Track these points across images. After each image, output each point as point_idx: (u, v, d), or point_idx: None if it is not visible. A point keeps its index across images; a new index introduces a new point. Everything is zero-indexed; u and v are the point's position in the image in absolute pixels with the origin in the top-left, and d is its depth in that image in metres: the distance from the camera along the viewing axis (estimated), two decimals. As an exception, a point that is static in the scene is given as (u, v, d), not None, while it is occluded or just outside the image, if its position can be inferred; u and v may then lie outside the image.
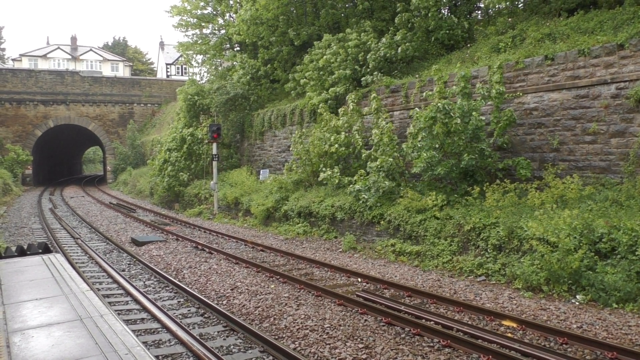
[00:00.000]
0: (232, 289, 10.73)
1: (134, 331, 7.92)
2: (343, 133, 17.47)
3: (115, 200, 33.10)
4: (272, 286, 10.86)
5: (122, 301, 10.10)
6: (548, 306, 8.93)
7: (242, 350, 7.48)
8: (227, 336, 8.06)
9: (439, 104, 13.11)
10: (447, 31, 18.03)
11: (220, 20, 32.49)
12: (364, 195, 15.10)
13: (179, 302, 10.09)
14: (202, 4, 31.68)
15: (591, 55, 11.80)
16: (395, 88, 17.11)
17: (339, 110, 18.23)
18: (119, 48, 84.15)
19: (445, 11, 19.41)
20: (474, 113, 12.88)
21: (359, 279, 11.42)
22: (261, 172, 24.34)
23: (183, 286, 10.81)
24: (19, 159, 40.69)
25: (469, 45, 17.76)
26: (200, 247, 15.73)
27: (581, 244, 9.51)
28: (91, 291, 6.08)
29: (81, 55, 69.94)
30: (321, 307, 9.31)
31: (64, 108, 44.96)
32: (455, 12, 18.89)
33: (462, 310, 8.95)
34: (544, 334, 7.67)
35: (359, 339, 7.64)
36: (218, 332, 8.27)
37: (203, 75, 36.77)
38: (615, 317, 8.22)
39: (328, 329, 8.11)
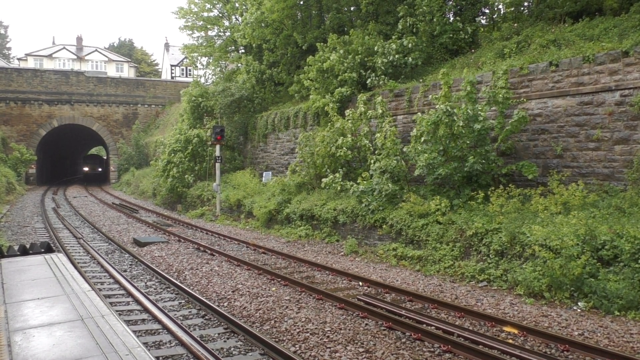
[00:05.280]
0: (233, 291, 10.73)
1: (135, 332, 7.93)
2: (349, 135, 17.47)
3: (118, 200, 33.18)
4: (274, 289, 10.86)
5: (124, 302, 10.12)
6: (550, 313, 8.90)
7: (242, 352, 7.47)
8: (228, 338, 8.06)
9: (442, 107, 13.12)
10: (451, 35, 18.03)
11: (226, 23, 32.62)
12: (367, 199, 15.09)
13: (180, 303, 10.09)
14: (208, 6, 31.81)
15: (596, 62, 11.79)
16: (399, 92, 17.12)
17: (346, 112, 18.23)
18: (125, 49, 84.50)
19: (450, 16, 19.42)
20: (481, 114, 12.85)
21: (360, 283, 11.41)
22: (264, 174, 24.37)
23: (184, 287, 10.81)
24: (23, 158, 40.84)
25: (473, 50, 17.77)
26: (202, 248, 15.74)
27: (584, 251, 9.49)
28: (93, 291, 6.09)
29: (86, 55, 70.24)
30: (322, 310, 9.30)
31: (68, 108, 45.15)
32: (460, 17, 18.91)
33: (463, 316, 8.93)
34: (545, 341, 7.64)
35: (359, 343, 7.63)
36: (219, 334, 8.27)
37: (208, 77, 36.90)
38: (617, 325, 8.19)
39: (329, 332, 8.10)
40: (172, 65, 70.40)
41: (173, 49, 71.79)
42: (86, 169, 66.21)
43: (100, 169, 65.58)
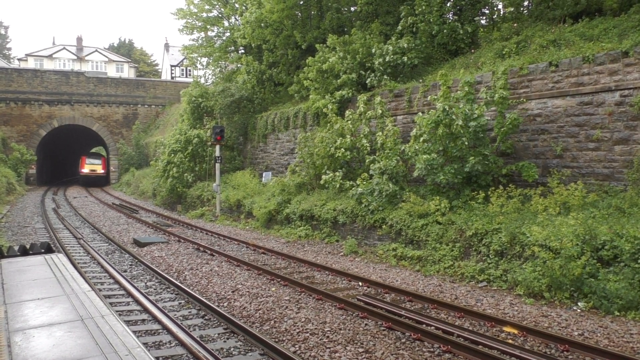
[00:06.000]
0: (233, 291, 10.74)
1: (134, 332, 7.93)
2: (348, 136, 17.48)
3: (118, 201, 33.18)
4: (273, 289, 10.86)
5: (124, 302, 10.12)
6: (549, 313, 8.90)
7: (242, 352, 7.48)
8: (228, 338, 8.06)
9: (441, 106, 13.13)
10: (449, 33, 18.00)
11: (226, 23, 32.63)
12: (366, 199, 15.10)
13: (180, 303, 10.09)
14: (207, 7, 31.83)
15: (595, 62, 11.79)
16: (399, 92, 17.13)
17: (346, 112, 18.24)
18: (124, 49, 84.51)
19: (450, 16, 19.42)
20: (477, 112, 12.85)
21: (360, 283, 11.41)
22: (264, 174, 24.38)
23: (184, 288, 10.81)
24: (23, 159, 40.82)
25: (473, 50, 17.77)
26: (202, 248, 15.74)
27: (584, 251, 9.49)
28: (93, 292, 6.10)
29: (86, 55, 70.29)
30: (322, 310, 9.30)
31: (68, 108, 45.14)
32: (459, 17, 18.91)
33: (463, 316, 8.93)
34: (545, 341, 7.64)
35: (359, 343, 7.63)
36: (218, 334, 8.27)
37: (208, 78, 36.93)
38: (617, 325, 8.19)
39: (328, 332, 8.10)
40: (172, 66, 70.46)
41: (173, 49, 71.85)
42: (85, 170, 48.40)
43: (103, 171, 49.41)
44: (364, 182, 15.41)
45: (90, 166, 48.59)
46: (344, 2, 23.36)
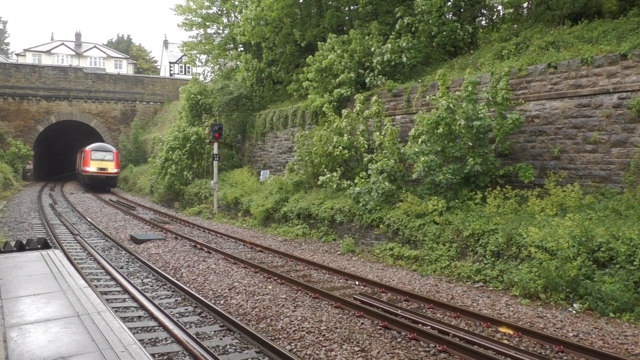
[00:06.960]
0: (229, 289, 10.74)
1: (130, 329, 7.93)
2: (346, 135, 17.50)
3: (115, 197, 33.13)
4: (270, 287, 10.87)
5: (120, 298, 10.11)
6: (545, 314, 8.93)
7: (238, 350, 7.48)
8: (224, 336, 8.07)
9: (445, 103, 13.11)
10: (449, 34, 18.02)
11: (225, 20, 32.60)
12: (364, 198, 15.11)
13: (176, 300, 10.09)
14: (207, 3, 31.78)
15: (594, 64, 11.82)
16: (398, 92, 17.14)
17: (343, 111, 18.25)
18: (123, 45, 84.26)
19: (449, 16, 19.44)
20: (482, 111, 12.84)
21: (357, 282, 11.43)
22: (262, 172, 24.37)
23: (181, 285, 10.81)
24: (20, 154, 40.68)
25: (472, 51, 17.79)
26: (199, 246, 15.74)
27: (580, 253, 9.52)
28: (89, 288, 6.09)
29: (85, 51, 70.08)
30: (318, 309, 9.31)
31: (66, 104, 45.00)
32: (459, 18, 18.93)
33: (459, 316, 8.95)
34: (540, 342, 7.67)
35: (355, 342, 7.64)
36: (215, 331, 8.28)
37: (207, 75, 36.89)
38: (611, 327, 8.22)
39: (324, 331, 8.11)
40: (170, 63, 70.29)
41: (172, 46, 71.70)
42: (90, 169, 35.87)
43: (116, 170, 37.57)
44: (362, 181, 15.42)
45: (99, 163, 36.14)
46: (344, 0, 23.35)
